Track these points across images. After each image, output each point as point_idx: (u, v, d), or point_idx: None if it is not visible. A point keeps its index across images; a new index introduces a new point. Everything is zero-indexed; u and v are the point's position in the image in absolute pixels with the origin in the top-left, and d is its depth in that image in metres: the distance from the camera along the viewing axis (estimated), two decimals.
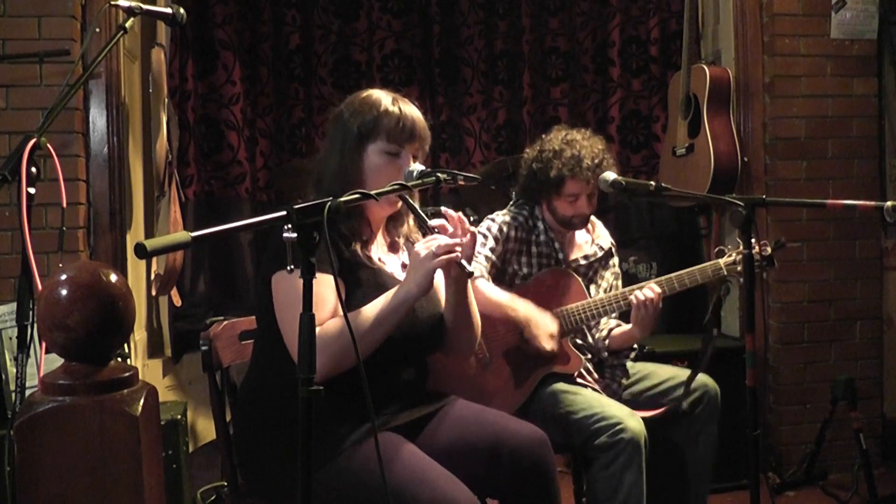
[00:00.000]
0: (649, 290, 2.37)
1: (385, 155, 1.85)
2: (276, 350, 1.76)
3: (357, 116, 1.86)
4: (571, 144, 2.43)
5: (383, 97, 1.89)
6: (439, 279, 1.89)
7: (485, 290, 2.34)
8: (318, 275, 1.64)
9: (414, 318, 1.82)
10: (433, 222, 1.77)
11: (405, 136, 1.86)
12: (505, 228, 2.49)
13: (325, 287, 1.73)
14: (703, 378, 2.44)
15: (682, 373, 2.48)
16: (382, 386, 1.80)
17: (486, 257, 2.45)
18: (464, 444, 1.84)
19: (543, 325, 2.36)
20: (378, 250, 1.93)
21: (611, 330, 2.56)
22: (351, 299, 1.77)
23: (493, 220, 2.52)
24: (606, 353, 2.53)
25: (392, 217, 1.96)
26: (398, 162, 1.86)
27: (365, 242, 1.88)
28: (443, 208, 1.80)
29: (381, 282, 1.83)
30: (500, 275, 2.49)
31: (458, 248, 1.69)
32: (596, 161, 2.41)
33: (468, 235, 1.74)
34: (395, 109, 1.86)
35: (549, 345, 2.33)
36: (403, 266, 1.98)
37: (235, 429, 1.93)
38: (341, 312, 1.65)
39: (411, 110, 1.89)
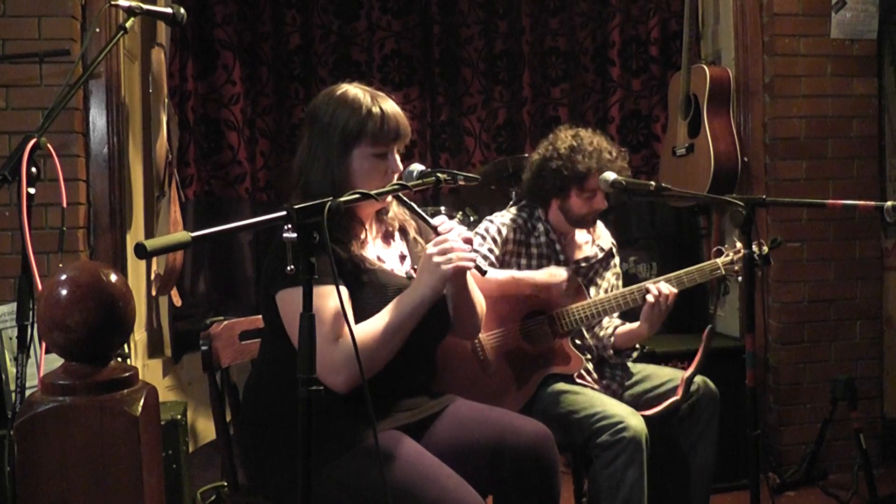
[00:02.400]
0: (665, 287, 2.36)
1: (373, 158, 1.82)
2: (285, 348, 1.75)
3: (338, 120, 1.80)
4: (585, 139, 2.42)
5: (360, 95, 1.83)
6: None
7: (490, 274, 2.33)
8: (322, 287, 1.64)
9: None
10: (435, 221, 1.77)
11: (391, 136, 1.82)
12: (504, 231, 2.48)
13: (331, 300, 1.69)
14: (701, 379, 2.43)
15: (681, 374, 2.47)
16: (393, 385, 1.81)
17: (485, 256, 2.44)
18: (467, 442, 1.84)
19: (554, 272, 2.38)
20: (373, 247, 1.92)
21: (616, 328, 2.55)
22: (354, 303, 1.76)
23: (491, 221, 2.52)
24: (612, 351, 2.52)
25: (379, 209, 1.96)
26: (385, 163, 1.84)
27: (361, 243, 1.87)
28: (439, 219, 1.79)
29: (383, 282, 1.82)
30: None
31: (471, 252, 1.70)
32: (613, 154, 2.41)
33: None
34: (377, 110, 1.81)
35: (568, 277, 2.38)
36: (402, 257, 1.97)
37: (241, 425, 1.92)
38: (353, 324, 1.65)
39: (391, 107, 1.84)
